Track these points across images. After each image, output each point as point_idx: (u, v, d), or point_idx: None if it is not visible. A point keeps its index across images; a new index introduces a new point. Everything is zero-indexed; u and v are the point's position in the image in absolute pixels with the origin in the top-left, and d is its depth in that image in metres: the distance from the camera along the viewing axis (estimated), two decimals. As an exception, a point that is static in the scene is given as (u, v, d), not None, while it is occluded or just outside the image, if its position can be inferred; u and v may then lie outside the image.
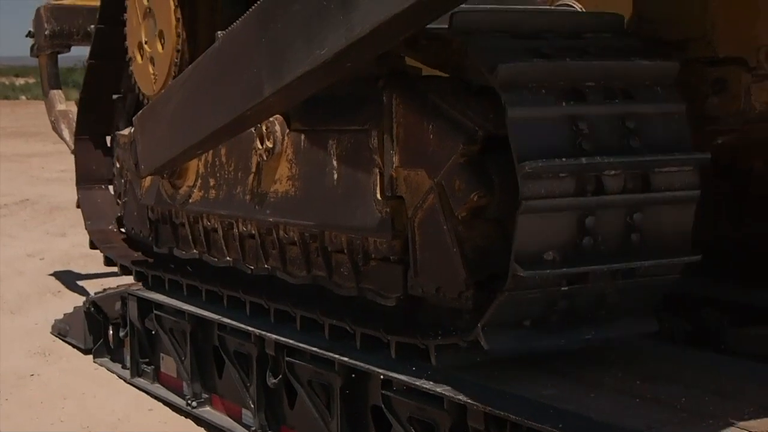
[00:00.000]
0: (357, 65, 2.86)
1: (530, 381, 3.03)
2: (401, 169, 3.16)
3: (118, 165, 5.42)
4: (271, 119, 3.66)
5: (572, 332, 2.95)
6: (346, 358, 3.43)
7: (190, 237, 4.56)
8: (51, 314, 6.51)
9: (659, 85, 2.94)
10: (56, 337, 6.17)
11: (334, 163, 3.45)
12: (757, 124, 3.19)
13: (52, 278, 7.77)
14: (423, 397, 3.10)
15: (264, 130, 3.72)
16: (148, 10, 4.51)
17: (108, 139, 5.85)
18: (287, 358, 3.77)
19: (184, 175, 4.44)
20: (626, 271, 2.91)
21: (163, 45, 4.38)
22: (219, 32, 3.47)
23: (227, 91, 3.22)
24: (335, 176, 3.46)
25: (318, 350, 3.57)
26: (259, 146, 3.77)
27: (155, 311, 4.85)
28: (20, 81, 40.83)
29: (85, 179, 6.01)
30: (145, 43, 4.54)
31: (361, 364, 3.36)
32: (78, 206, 6.02)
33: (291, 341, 3.74)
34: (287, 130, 3.68)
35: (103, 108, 5.80)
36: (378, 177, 3.24)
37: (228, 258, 4.27)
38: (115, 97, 5.66)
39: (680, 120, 2.93)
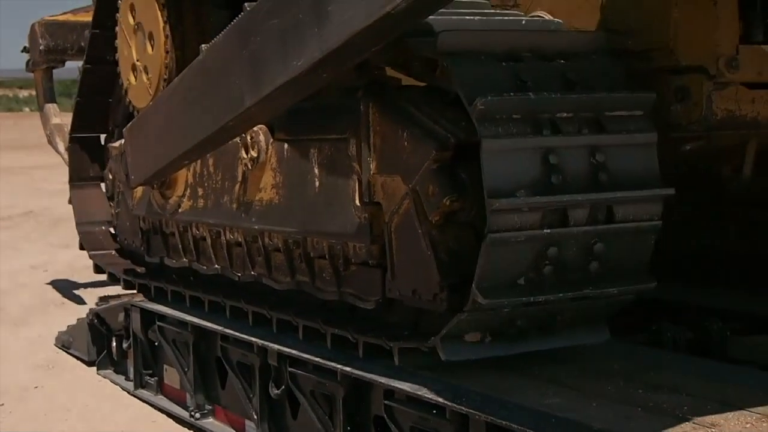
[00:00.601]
0: (333, 75, 2.97)
1: (532, 390, 3.04)
2: (378, 176, 3.24)
3: (110, 177, 5.52)
4: (255, 129, 3.76)
5: (567, 286, 3.00)
6: (348, 368, 3.44)
7: (180, 246, 4.65)
8: (54, 326, 6.53)
9: (594, 53, 3.10)
10: (60, 349, 6.19)
11: (316, 171, 3.55)
12: (721, 131, 3.27)
13: (56, 290, 7.80)
14: (425, 407, 3.10)
15: (249, 140, 3.82)
16: (136, 26, 4.68)
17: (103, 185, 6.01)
18: (290, 369, 3.79)
19: (173, 186, 4.54)
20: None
21: (153, 46, 4.54)
22: (203, 45, 3.58)
23: (211, 102, 3.31)
24: (317, 184, 3.55)
25: (320, 360, 3.58)
26: (245, 156, 3.87)
27: (158, 322, 4.87)
28: (24, 93, 40.92)
29: (84, 221, 6.17)
30: (138, 61, 4.69)
31: (364, 374, 3.37)
32: (81, 247, 6.14)
33: (294, 351, 3.75)
34: (271, 140, 3.78)
35: (95, 149, 6.05)
36: (357, 184, 3.32)
37: (216, 266, 4.35)
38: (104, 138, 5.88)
39: (621, 75, 3.07)
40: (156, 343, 4.98)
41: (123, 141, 4.44)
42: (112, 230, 5.85)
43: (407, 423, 3.21)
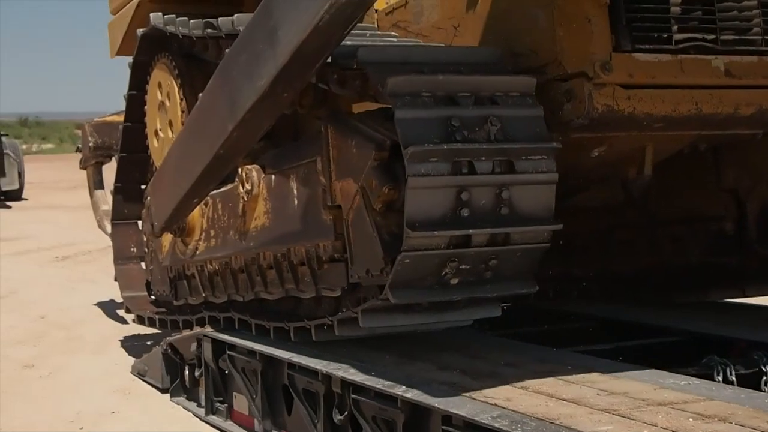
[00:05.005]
0: (291, 92, 3.47)
1: (585, 418, 3.02)
2: (337, 182, 3.72)
3: (144, 239, 6.07)
4: (249, 167, 4.34)
5: (466, 289, 3.49)
6: (408, 395, 3.48)
7: (199, 284, 5.18)
8: (130, 355, 6.71)
9: (519, 98, 3.53)
10: (135, 376, 6.33)
11: (295, 191, 4.07)
12: (606, 126, 3.66)
13: (131, 321, 7.98)
14: (483, 433, 3.08)
15: (244, 176, 4.40)
16: (161, 101, 5.34)
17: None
18: (353, 395, 3.83)
19: (192, 233, 5.12)
20: None
21: (169, 107, 5.24)
22: (200, 94, 4.05)
23: (204, 136, 3.80)
24: (295, 202, 4.07)
25: (381, 387, 3.63)
26: (241, 190, 4.44)
27: (228, 352, 4.95)
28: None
29: (128, 296, 6.97)
30: (160, 128, 5.40)
31: (423, 400, 3.44)
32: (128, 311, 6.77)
33: (356, 379, 3.83)
34: (263, 175, 4.34)
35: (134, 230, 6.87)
36: (322, 192, 3.82)
37: (226, 294, 4.87)
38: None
39: (539, 121, 3.48)
40: (226, 372, 5.04)
41: (148, 198, 4.89)
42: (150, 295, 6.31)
43: (465, 448, 3.22)
